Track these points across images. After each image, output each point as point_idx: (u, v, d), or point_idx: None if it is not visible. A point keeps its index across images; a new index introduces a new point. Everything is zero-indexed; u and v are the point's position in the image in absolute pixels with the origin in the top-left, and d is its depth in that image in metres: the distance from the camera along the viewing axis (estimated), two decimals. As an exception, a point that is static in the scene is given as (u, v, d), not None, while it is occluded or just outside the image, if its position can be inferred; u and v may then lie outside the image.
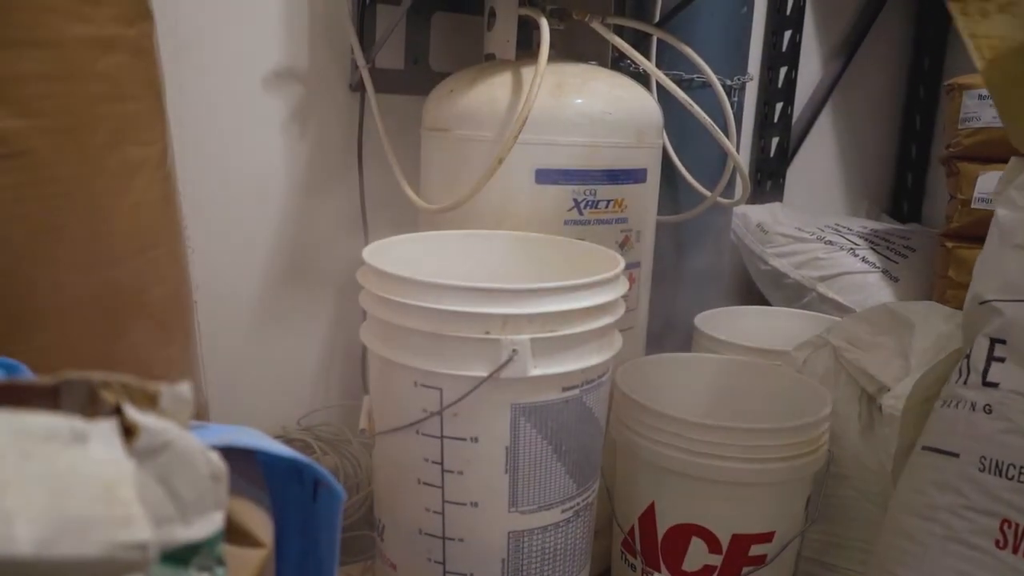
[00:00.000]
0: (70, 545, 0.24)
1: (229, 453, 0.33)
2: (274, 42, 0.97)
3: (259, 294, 1.02)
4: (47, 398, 0.28)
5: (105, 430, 0.27)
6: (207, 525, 0.30)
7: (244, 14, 0.94)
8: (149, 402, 0.29)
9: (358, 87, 0.98)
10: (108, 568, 0.25)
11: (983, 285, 0.69)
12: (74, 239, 0.55)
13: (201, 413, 0.65)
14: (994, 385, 0.65)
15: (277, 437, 0.98)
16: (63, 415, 0.26)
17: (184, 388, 0.30)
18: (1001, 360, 0.65)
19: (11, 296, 0.53)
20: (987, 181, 1.01)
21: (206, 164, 0.95)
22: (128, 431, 0.27)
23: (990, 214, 0.72)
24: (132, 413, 0.28)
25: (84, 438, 0.26)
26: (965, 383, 0.67)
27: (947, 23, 1.53)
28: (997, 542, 0.62)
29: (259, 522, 0.38)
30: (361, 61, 0.92)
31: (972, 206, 1.03)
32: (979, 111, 1.02)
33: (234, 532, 0.36)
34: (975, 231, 0.99)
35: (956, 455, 0.66)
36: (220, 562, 0.31)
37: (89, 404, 0.28)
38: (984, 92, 1.02)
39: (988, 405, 0.64)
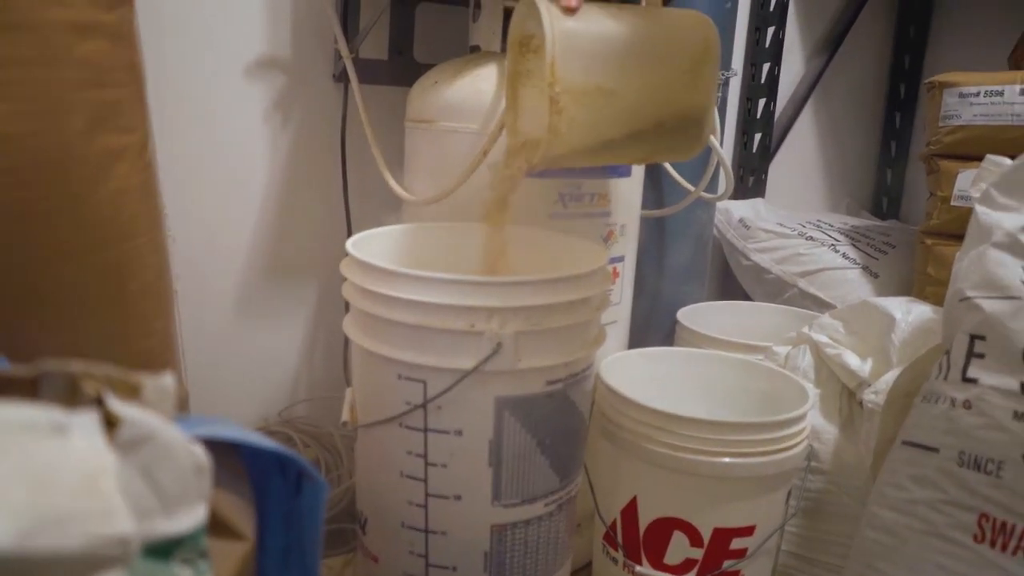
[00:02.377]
0: (50, 538, 0.23)
1: (212, 445, 0.32)
2: (257, 31, 0.96)
3: (240, 285, 1.01)
4: (26, 389, 0.27)
5: (86, 422, 0.26)
6: (190, 518, 0.29)
7: (227, 2, 0.93)
8: (132, 393, 0.28)
9: (342, 77, 0.97)
10: (89, 562, 0.25)
11: (963, 282, 0.69)
12: (54, 226, 0.54)
13: (182, 405, 0.64)
14: (973, 381, 0.65)
15: (258, 429, 0.97)
16: (42, 406, 0.26)
17: (167, 379, 0.29)
18: (980, 356, 0.65)
19: (-13, 284, 0.52)
20: (967, 179, 1.01)
21: (187, 153, 0.94)
22: (110, 423, 0.27)
23: (969, 211, 0.73)
24: (114, 404, 0.27)
25: (64, 430, 0.26)
26: (945, 379, 0.67)
27: (928, 21, 1.54)
28: (975, 536, 0.63)
29: (241, 515, 0.38)
30: (345, 51, 0.91)
31: (952, 203, 1.04)
32: (960, 109, 1.03)
33: (216, 525, 0.36)
34: (954, 228, 1.00)
35: (935, 450, 0.66)
36: (203, 555, 0.30)
37: (70, 395, 0.27)
38: (965, 90, 1.03)
39: (967, 401, 0.65)
